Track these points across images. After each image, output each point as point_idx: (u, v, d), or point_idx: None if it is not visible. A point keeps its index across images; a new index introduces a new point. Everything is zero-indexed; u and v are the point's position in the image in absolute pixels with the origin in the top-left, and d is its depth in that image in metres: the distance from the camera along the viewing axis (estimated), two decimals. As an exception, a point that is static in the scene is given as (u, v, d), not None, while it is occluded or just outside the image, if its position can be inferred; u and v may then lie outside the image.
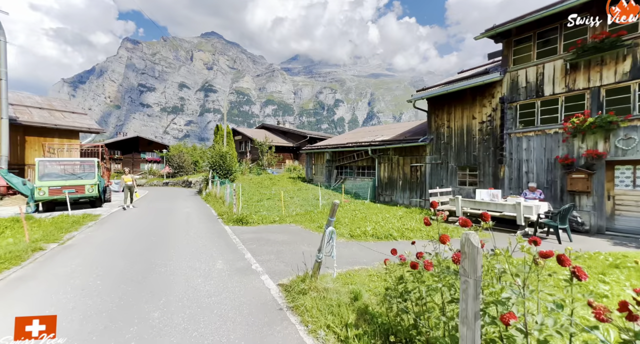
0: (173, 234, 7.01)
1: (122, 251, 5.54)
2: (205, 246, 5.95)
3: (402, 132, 14.70)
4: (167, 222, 8.69)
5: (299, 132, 33.20)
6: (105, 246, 5.92)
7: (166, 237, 6.70)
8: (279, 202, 12.76)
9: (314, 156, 18.50)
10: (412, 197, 12.38)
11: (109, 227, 7.86)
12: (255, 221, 8.35)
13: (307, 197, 13.75)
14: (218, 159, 17.53)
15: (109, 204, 12.96)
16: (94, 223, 8.29)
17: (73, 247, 5.85)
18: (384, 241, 6.59)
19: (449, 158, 10.94)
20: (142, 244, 6.05)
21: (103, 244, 6.12)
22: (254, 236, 6.81)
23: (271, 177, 19.77)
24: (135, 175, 41.89)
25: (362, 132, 19.04)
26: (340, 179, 16.33)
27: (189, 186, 27.21)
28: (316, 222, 8.56)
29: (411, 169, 12.45)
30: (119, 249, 5.67)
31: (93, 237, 6.70)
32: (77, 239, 6.49)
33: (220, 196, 12.51)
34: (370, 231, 7.14)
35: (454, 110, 10.77)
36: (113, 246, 5.91)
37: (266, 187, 16.80)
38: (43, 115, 19.60)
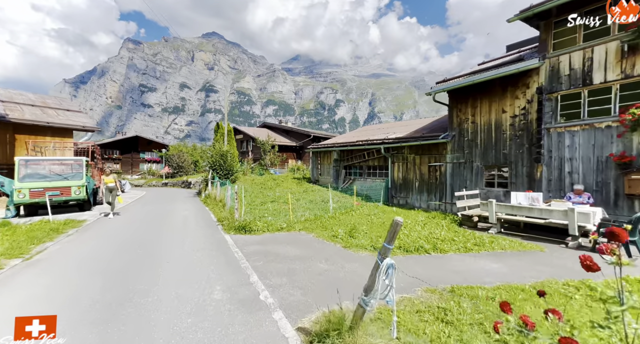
0: (165, 245, 5.95)
1: (98, 270, 4.48)
2: (201, 262, 4.88)
3: (416, 129, 13.61)
4: (160, 229, 7.63)
5: (302, 131, 32.15)
6: (80, 263, 4.86)
7: (156, 249, 5.64)
8: (284, 205, 11.70)
9: (321, 156, 17.43)
10: (430, 199, 11.28)
11: (91, 236, 6.81)
12: (259, 229, 7.28)
13: (315, 199, 12.68)
14: (218, 158, 16.49)
15: (100, 208, 11.93)
16: (75, 231, 7.24)
17: (39, 264, 4.79)
18: (414, 255, 5.51)
19: (474, 157, 9.85)
20: (126, 260, 4.99)
21: (78, 259, 5.06)
22: (260, 249, 5.74)
23: (274, 178, 18.71)
24: (134, 175, 40.95)
25: (371, 130, 17.95)
26: (349, 179, 15.25)
27: (189, 186, 26.23)
28: (329, 230, 7.49)
29: (429, 169, 11.36)
30: (95, 268, 4.61)
31: (68, 250, 5.65)
32: (48, 252, 5.43)
33: (220, 199, 11.46)
34: (396, 242, 6.05)
35: (480, 103, 9.68)
36: (89, 263, 4.85)
37: (270, 189, 15.74)
38: (35, 112, 18.61)
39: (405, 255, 5.49)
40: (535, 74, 8.24)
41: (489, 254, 5.53)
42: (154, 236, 6.73)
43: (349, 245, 6.04)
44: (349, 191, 14.86)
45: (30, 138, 16.72)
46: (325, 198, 12.82)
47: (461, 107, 10.25)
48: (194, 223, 8.34)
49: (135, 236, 6.74)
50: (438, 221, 8.54)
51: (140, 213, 10.63)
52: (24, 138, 16.55)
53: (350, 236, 6.74)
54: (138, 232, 7.17)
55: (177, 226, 7.96)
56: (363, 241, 6.26)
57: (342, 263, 4.91)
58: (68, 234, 6.89)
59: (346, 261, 5.07)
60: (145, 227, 7.89)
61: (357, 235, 6.80)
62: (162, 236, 6.73)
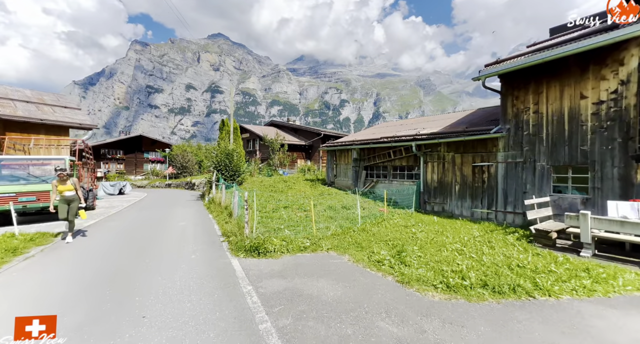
0: (148, 280, 4.24)
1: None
2: (195, 321, 3.14)
3: (452, 124, 11.72)
4: (149, 249, 5.95)
5: (312, 129, 30.44)
6: (11, 316, 3.18)
7: (134, 289, 3.93)
8: (300, 212, 9.95)
9: (337, 155, 15.64)
10: (475, 207, 9.39)
11: (56, 259, 5.16)
12: (276, 249, 5.53)
13: (334, 205, 10.89)
14: (224, 158, 14.86)
15: (90, 214, 10.38)
16: (39, 251, 5.61)
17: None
18: (514, 301, 3.67)
19: (537, 155, 7.94)
20: (83, 311, 3.29)
21: (9, 306, 3.39)
22: (282, 286, 3.98)
23: (285, 179, 17.00)
24: (138, 176, 39.79)
25: (394, 126, 16.08)
26: (371, 182, 13.42)
27: (192, 188, 24.78)
28: (366, 250, 5.72)
29: (474, 170, 9.47)
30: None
31: (8, 284, 3.99)
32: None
33: (226, 206, 9.76)
34: (471, 275, 4.23)
35: (547, 88, 7.77)
36: (24, 313, 3.16)
37: (281, 192, 14.02)
38: (29, 109, 17.26)
39: (500, 300, 3.66)
40: (633, 45, 6.31)
41: (628, 300, 3.67)
42: (138, 263, 5.02)
43: (406, 279, 4.25)
44: (370, 195, 13.04)
45: (23, 136, 15.38)
46: (346, 204, 11.05)
47: (519, 94, 8.35)
48: (192, 240, 6.63)
49: (113, 263, 5.04)
50: (502, 237, 6.67)
51: (131, 223, 9.01)
52: (16, 137, 15.23)
53: (400, 262, 4.95)
54: (119, 256, 5.48)
55: (171, 245, 6.26)
56: (423, 272, 4.46)
57: (416, 320, 3.12)
58: (27, 255, 5.26)
59: (418, 313, 3.28)
60: (130, 246, 6.21)
61: (409, 260, 5.00)
62: (148, 262, 5.03)
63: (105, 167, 38.86)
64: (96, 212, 11.10)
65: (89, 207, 11.49)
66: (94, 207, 11.76)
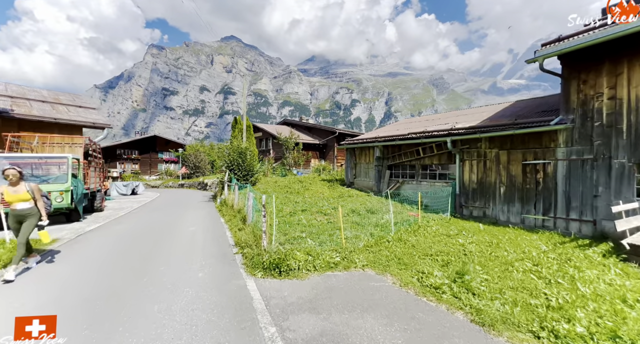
0: (139, 313, 3.26)
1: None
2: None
3: (490, 117, 10.31)
4: (152, 262, 5.04)
5: (326, 127, 29.37)
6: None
7: (117, 327, 2.96)
8: (320, 215, 8.88)
9: (357, 153, 14.45)
10: (526, 212, 7.98)
11: (34, 279, 4.30)
12: (301, 265, 4.47)
13: (357, 208, 9.75)
14: (236, 157, 14.02)
15: (97, 217, 9.75)
16: (21, 264, 4.80)
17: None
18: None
19: (614, 150, 6.49)
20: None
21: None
22: (316, 329, 2.90)
23: (300, 180, 15.99)
24: (152, 176, 40.15)
25: (420, 121, 14.71)
26: (396, 182, 12.16)
27: (205, 188, 24.31)
28: (412, 268, 4.58)
29: (525, 169, 8.07)
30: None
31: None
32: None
33: (239, 209, 8.82)
34: (579, 316, 2.99)
35: (628, 69, 6.32)
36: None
37: (297, 193, 13.00)
38: (44, 108, 17.17)
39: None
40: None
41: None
42: (134, 284, 4.08)
43: (485, 318, 3.06)
44: (396, 197, 11.80)
45: (27, 134, 15.19)
46: (370, 207, 9.88)
47: (587, 78, 6.91)
48: (201, 251, 5.67)
49: (104, 282, 4.13)
50: (581, 253, 5.31)
51: (137, 227, 8.22)
52: (30, 136, 15.07)
53: (464, 288, 3.76)
54: (113, 272, 4.58)
55: (177, 258, 5.33)
56: (503, 307, 3.25)
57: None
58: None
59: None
60: (130, 258, 5.31)
61: (475, 286, 3.80)
62: (146, 283, 4.08)
63: (121, 167, 39.40)
64: (104, 214, 10.49)
65: (97, 209, 10.90)
66: (102, 208, 11.17)
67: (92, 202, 10.76)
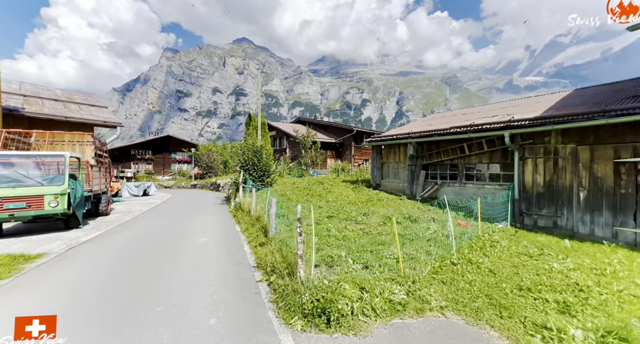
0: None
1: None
2: None
3: (552, 107, 8.55)
4: (146, 296, 3.77)
5: (343, 125, 27.94)
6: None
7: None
8: (351, 223, 7.45)
9: (385, 151, 12.92)
10: (621, 224, 6.25)
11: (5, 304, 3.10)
12: (355, 309, 3.06)
13: (393, 215, 8.24)
14: (251, 156, 12.81)
15: (100, 222, 8.73)
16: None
17: None
18: None
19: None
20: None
21: None
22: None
23: (320, 181, 14.61)
24: (165, 176, 39.93)
25: (456, 116, 12.98)
26: (433, 185, 10.55)
27: (217, 189, 23.41)
28: (517, 314, 3.13)
29: (617, 170, 6.34)
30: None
31: None
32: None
33: (258, 217, 7.49)
34: None
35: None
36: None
37: (319, 196, 11.61)
38: (55, 107, 16.68)
39: None
40: None
41: None
42: (114, 339, 2.80)
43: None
44: (433, 201, 10.21)
45: (23, 130, 14.68)
46: (406, 213, 8.36)
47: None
48: (214, 276, 4.32)
49: (68, 336, 2.87)
50: None
51: (140, 236, 7.08)
52: (40, 135, 14.54)
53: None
54: (87, 318, 3.33)
55: (181, 287, 4.04)
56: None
57: None
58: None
59: None
60: (116, 290, 4.03)
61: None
62: (130, 339, 2.78)
63: (135, 167, 39.41)
64: (109, 218, 9.48)
65: (103, 212, 9.93)
66: (107, 212, 10.21)
67: (96, 205, 9.80)
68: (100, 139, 11.76)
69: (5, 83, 17.66)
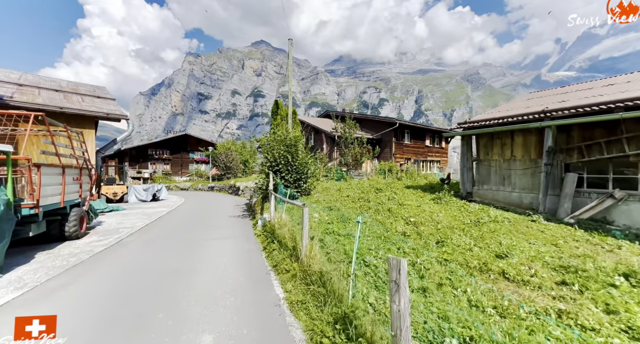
0: None
1: None
2: None
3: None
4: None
5: (381, 118, 23.79)
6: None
7: None
8: (494, 279, 3.37)
9: (481, 144, 8.68)
10: None
11: None
12: None
13: (554, 263, 4.04)
14: (283, 151, 9.11)
15: (55, 256, 5.32)
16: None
17: None
18: None
19: None
20: None
21: None
22: None
23: (375, 186, 10.54)
24: (183, 176, 37.67)
25: (579, 90, 8.37)
26: (603, 199, 6.19)
27: (237, 193, 20.12)
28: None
29: None
30: None
31: None
32: None
33: (312, 255, 3.62)
34: None
35: None
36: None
37: (388, 213, 7.54)
38: (53, 97, 14.03)
39: None
40: None
41: None
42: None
43: None
44: (613, 230, 5.84)
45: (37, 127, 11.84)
46: (581, 259, 4.15)
47: None
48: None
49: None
50: None
51: (77, 316, 3.48)
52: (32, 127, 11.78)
53: None
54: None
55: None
56: None
57: None
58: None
59: None
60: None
61: None
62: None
63: (152, 167, 37.52)
64: (73, 248, 6.08)
65: (71, 235, 6.59)
66: (80, 235, 6.86)
67: (60, 225, 6.48)
68: (74, 130, 8.44)
69: (4, 73, 15.30)
